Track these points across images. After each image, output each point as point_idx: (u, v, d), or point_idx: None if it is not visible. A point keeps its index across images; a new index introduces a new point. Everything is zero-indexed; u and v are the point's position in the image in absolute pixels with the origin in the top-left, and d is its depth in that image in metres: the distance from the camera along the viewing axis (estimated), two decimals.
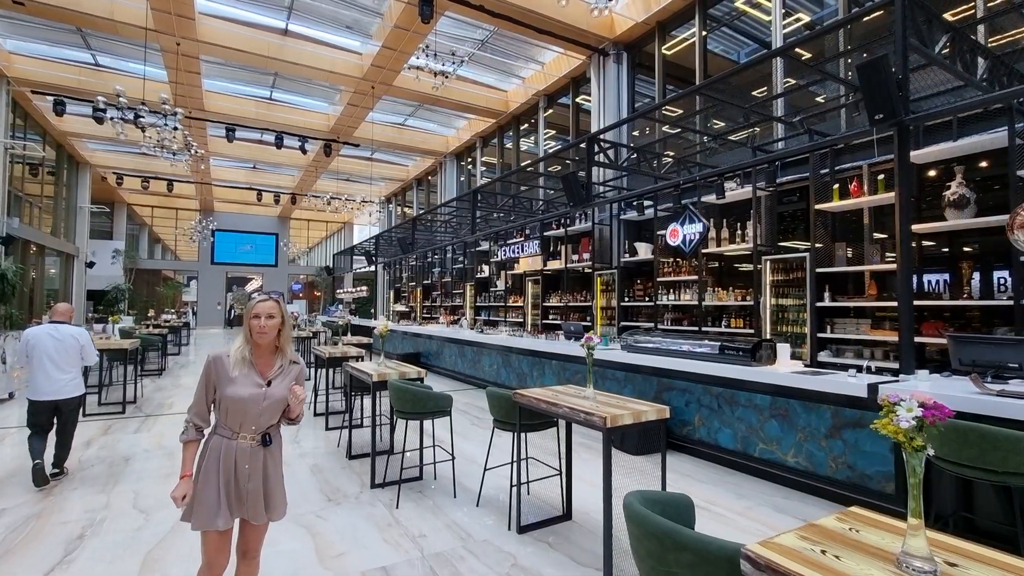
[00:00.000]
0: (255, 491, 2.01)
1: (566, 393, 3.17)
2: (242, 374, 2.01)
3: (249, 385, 2.01)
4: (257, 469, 2.03)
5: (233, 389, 1.99)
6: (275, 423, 2.12)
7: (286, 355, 2.14)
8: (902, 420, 1.08)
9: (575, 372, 6.48)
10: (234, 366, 2.02)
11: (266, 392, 2.03)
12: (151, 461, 4.65)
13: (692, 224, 5.31)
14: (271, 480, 2.08)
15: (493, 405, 3.48)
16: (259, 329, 2.04)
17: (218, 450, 1.99)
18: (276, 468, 2.13)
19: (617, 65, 10.30)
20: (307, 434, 5.64)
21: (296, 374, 2.16)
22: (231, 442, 2.00)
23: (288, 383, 2.09)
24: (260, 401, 2.01)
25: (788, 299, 6.51)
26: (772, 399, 4.14)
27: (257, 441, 2.03)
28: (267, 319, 2.05)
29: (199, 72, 11.62)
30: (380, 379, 4.02)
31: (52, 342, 4.15)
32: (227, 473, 1.98)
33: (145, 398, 7.66)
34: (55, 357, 4.13)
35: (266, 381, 2.05)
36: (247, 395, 1.99)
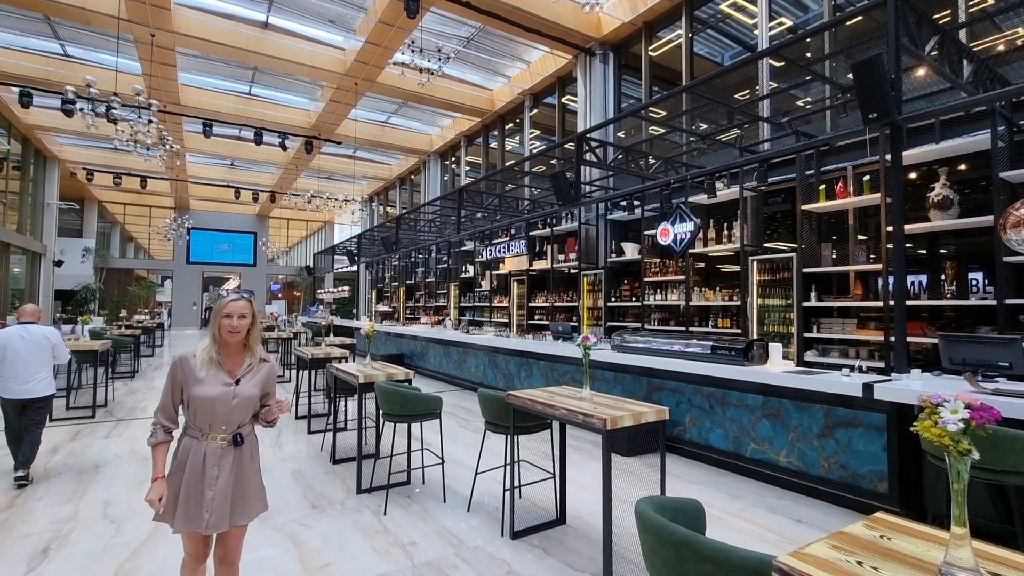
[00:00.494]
0: (223, 494, 1.97)
1: (562, 394, 3.09)
2: (210, 374, 1.99)
3: (217, 384, 1.99)
4: (227, 472, 1.99)
5: (201, 389, 1.96)
6: (247, 422, 2.09)
7: (255, 353, 2.12)
8: (948, 423, 1.01)
9: (563, 373, 6.41)
10: (201, 366, 1.99)
11: (235, 391, 2.01)
12: (123, 467, 4.43)
13: (683, 223, 5.29)
14: (245, 479, 2.05)
15: (485, 407, 3.38)
16: (231, 328, 2.02)
17: (187, 451, 1.98)
18: (252, 467, 2.09)
19: (604, 65, 10.29)
20: (289, 438, 5.45)
21: (267, 372, 2.14)
22: (201, 443, 1.97)
23: (258, 381, 2.09)
24: (229, 400, 1.99)
25: (774, 299, 6.55)
26: (764, 399, 4.12)
27: (228, 441, 2.01)
28: (239, 319, 2.04)
29: (175, 65, 11.25)
30: (367, 381, 3.88)
31: (22, 343, 4.15)
32: (196, 478, 1.95)
33: (116, 402, 7.36)
34: (26, 358, 4.13)
35: (235, 380, 2.03)
36: (215, 394, 1.97)
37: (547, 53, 11.34)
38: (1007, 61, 4.95)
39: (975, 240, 5.68)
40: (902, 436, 3.35)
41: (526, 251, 9.32)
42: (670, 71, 9.79)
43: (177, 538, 2.07)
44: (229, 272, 29.18)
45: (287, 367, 10.09)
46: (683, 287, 7.70)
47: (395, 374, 4.04)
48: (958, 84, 4.01)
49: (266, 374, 2.14)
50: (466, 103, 13.43)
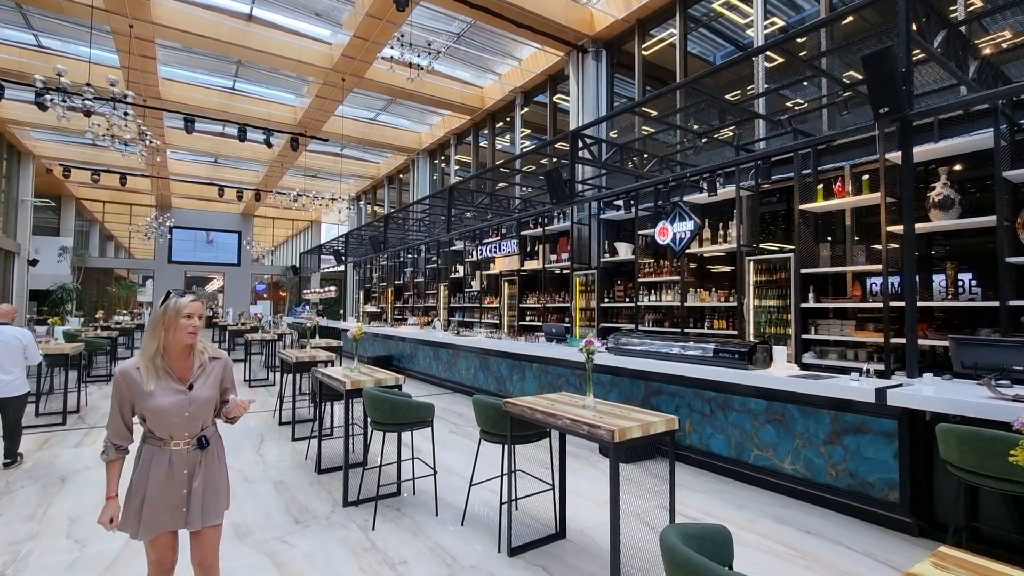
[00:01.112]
0: (196, 494, 1.94)
1: (563, 402, 2.91)
2: (159, 385, 1.90)
3: (169, 394, 1.91)
4: (196, 472, 1.96)
5: (152, 402, 1.88)
6: (209, 424, 2.05)
7: (202, 353, 2.04)
8: None
9: (558, 376, 6.24)
10: (148, 378, 1.89)
11: (190, 397, 1.95)
12: (92, 480, 4.16)
13: (683, 222, 5.15)
14: (213, 481, 2.01)
15: (480, 415, 3.19)
16: (191, 329, 1.96)
17: (150, 457, 1.90)
18: (220, 468, 2.07)
19: (596, 62, 10.15)
20: (272, 445, 5.21)
21: (220, 370, 2.08)
22: (163, 450, 1.91)
23: (213, 382, 2.03)
24: (185, 407, 1.93)
25: (771, 300, 6.44)
26: (768, 404, 3.99)
27: (193, 445, 1.96)
28: (198, 319, 1.98)
29: (155, 57, 10.89)
30: (354, 387, 3.67)
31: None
32: (160, 480, 1.89)
33: (90, 407, 7.03)
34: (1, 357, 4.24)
35: (187, 386, 1.96)
36: (169, 405, 1.90)
37: (539, 50, 11.18)
38: (1009, 60, 4.89)
39: (969, 241, 5.63)
40: (914, 443, 3.22)
41: (518, 251, 9.14)
42: (662, 70, 9.69)
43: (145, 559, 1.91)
44: (213, 272, 28.59)
45: (271, 369, 9.79)
46: (678, 288, 7.57)
47: (384, 379, 3.83)
48: (964, 81, 3.91)
49: (220, 372, 2.07)
50: (456, 100, 13.22)
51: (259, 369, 10.43)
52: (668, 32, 9.41)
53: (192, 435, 1.95)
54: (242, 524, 3.34)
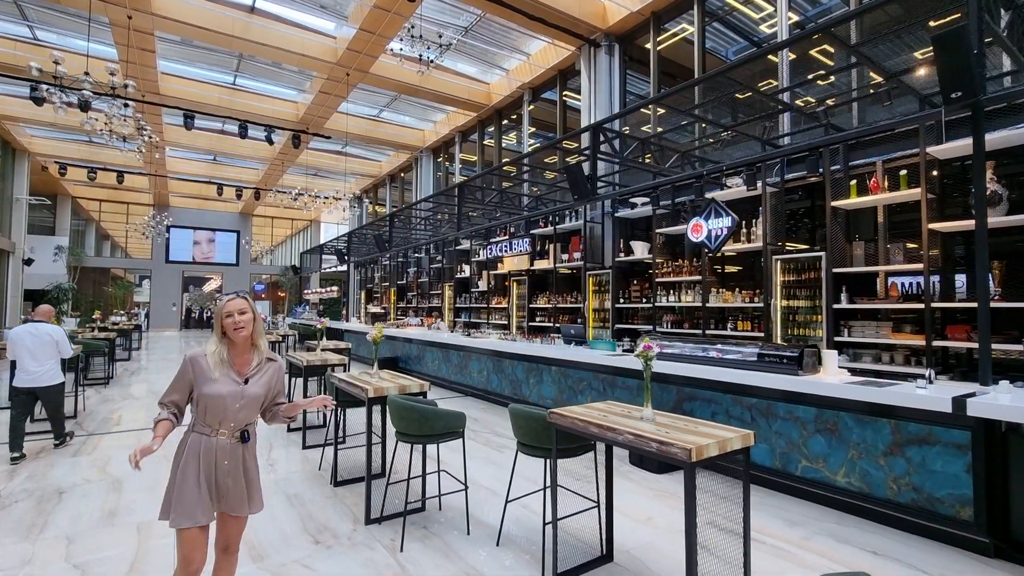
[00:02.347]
0: (236, 486, 2.06)
1: (615, 412, 2.64)
2: (221, 373, 2.05)
3: (228, 383, 2.05)
4: (237, 464, 2.07)
5: (212, 387, 2.02)
6: (253, 420, 2.16)
7: (262, 351, 2.17)
8: None
9: (579, 380, 5.97)
10: (213, 367, 2.05)
11: (243, 390, 2.07)
12: (91, 496, 3.86)
13: (719, 218, 4.89)
14: (250, 473, 2.13)
15: (520, 426, 2.91)
16: (235, 325, 2.07)
17: (197, 446, 2.00)
18: (254, 463, 2.18)
19: (609, 57, 9.89)
20: (281, 454, 4.92)
21: (273, 372, 2.20)
22: (210, 439, 2.02)
23: (266, 381, 2.15)
24: (238, 399, 2.05)
25: (800, 301, 6.20)
26: (817, 411, 3.73)
27: (236, 438, 2.07)
28: (240, 315, 2.09)
29: (154, 51, 10.59)
30: (377, 394, 3.39)
31: (30, 338, 4.83)
32: (208, 469, 2.00)
33: (88, 412, 6.72)
34: (33, 351, 4.80)
35: (243, 379, 2.09)
36: (226, 392, 2.03)
37: (548, 45, 10.92)
38: None
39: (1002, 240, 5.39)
40: (990, 456, 2.97)
41: (530, 249, 8.88)
42: (675, 65, 9.44)
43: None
44: (211, 272, 28.23)
45: None
46: (699, 288, 7.33)
47: (408, 386, 3.55)
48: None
49: (273, 374, 2.20)
50: (462, 97, 12.94)
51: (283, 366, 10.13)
52: (681, 27, 9.17)
53: (237, 427, 2.07)
54: (257, 545, 3.06)
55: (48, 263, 19.90)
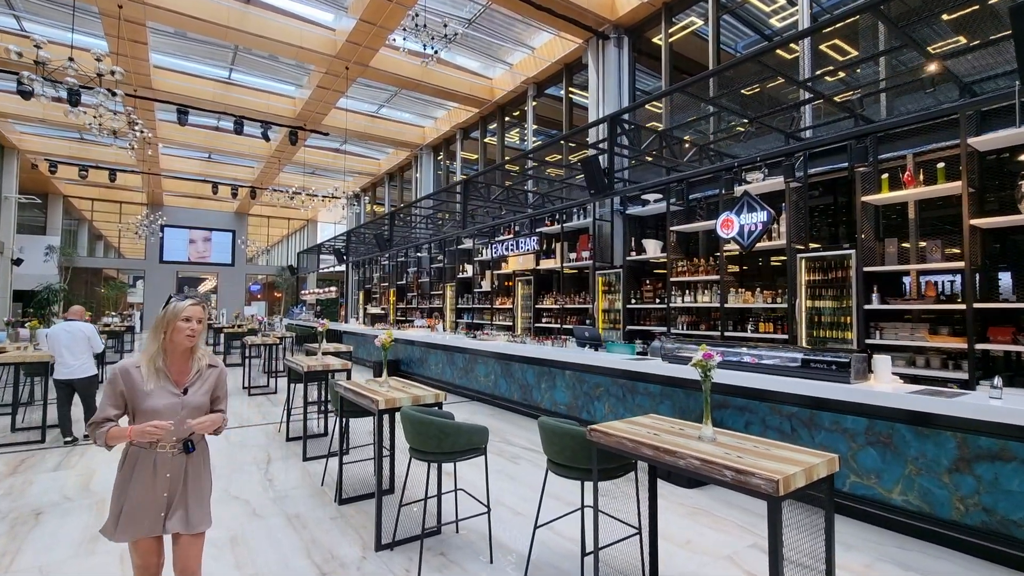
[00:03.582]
0: (182, 500, 1.95)
1: (668, 431, 2.31)
2: (157, 385, 1.93)
3: (164, 395, 1.93)
4: (179, 477, 1.96)
5: (147, 402, 1.90)
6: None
7: (200, 359, 2.06)
8: None
9: (595, 385, 5.65)
10: (147, 377, 1.92)
11: (183, 401, 1.96)
12: (72, 516, 3.51)
13: (752, 213, 4.57)
14: (199, 485, 2.02)
15: (553, 443, 2.58)
16: (190, 332, 1.97)
17: (135, 459, 1.90)
18: (203, 473, 2.06)
19: (618, 50, 9.58)
20: (281, 466, 4.58)
21: (215, 378, 2.09)
22: (150, 452, 1.91)
23: (207, 388, 2.05)
24: (177, 411, 1.94)
25: (826, 301, 5.89)
26: (869, 422, 3.41)
27: (178, 449, 1.97)
28: (197, 323, 1.99)
29: (146, 42, 10.21)
30: (389, 405, 3.05)
31: (66, 336, 5.33)
32: (143, 482, 1.89)
33: (74, 420, 6.32)
34: (70, 347, 5.31)
35: (182, 389, 1.98)
36: (162, 406, 1.91)
37: (554, 37, 10.60)
38: None
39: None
40: None
41: (538, 248, 8.56)
42: (686, 60, 9.14)
43: None
44: (206, 272, 27.78)
45: (272, 376, 9.13)
46: (716, 288, 7.02)
47: (422, 396, 3.22)
48: None
49: (215, 380, 2.09)
50: (464, 92, 12.61)
51: (258, 375, 9.77)
52: (690, 20, 8.88)
53: (179, 439, 1.95)
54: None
55: (39, 263, 19.46)
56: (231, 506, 3.64)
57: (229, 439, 5.50)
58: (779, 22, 8.38)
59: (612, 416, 5.41)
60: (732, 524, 3.40)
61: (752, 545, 3.09)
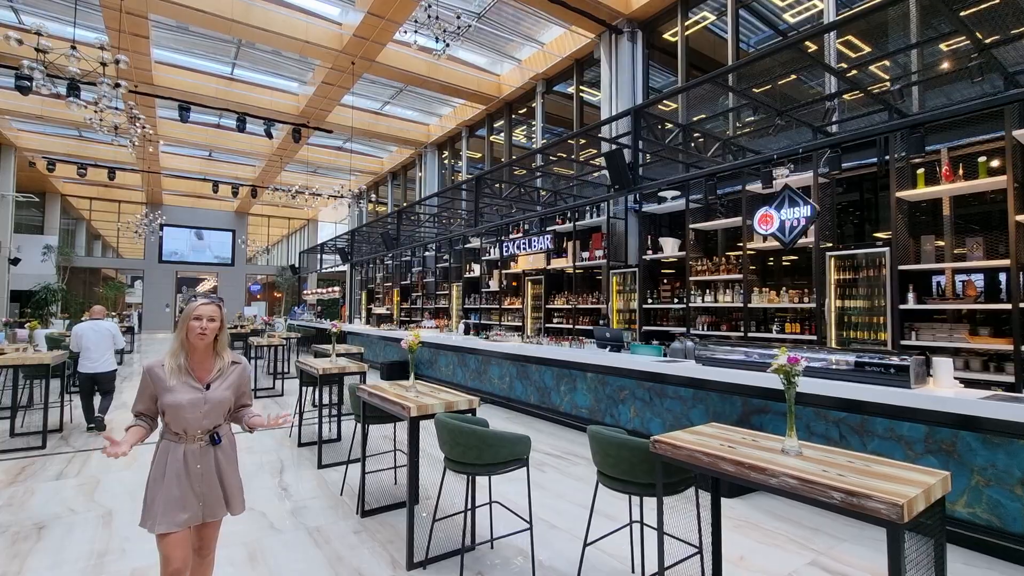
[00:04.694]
0: (211, 490, 2.04)
1: (740, 442, 2.10)
2: (179, 381, 2.00)
3: (187, 391, 2.00)
4: (209, 467, 2.04)
5: (172, 397, 1.98)
6: (222, 424, 2.11)
7: (223, 358, 2.13)
8: None
9: (619, 388, 5.43)
10: (170, 375, 2.00)
11: (206, 396, 2.03)
12: (77, 532, 3.28)
13: (795, 207, 4.36)
14: (226, 475, 2.09)
15: (608, 455, 2.37)
16: (200, 330, 2.02)
17: (166, 452, 1.99)
18: (230, 463, 2.13)
19: (631, 44, 9.37)
20: (295, 475, 4.35)
21: (238, 375, 2.16)
22: (179, 445, 1.99)
23: (230, 384, 2.11)
24: (200, 406, 2.01)
25: (856, 301, 5.69)
26: (928, 429, 3.20)
27: (205, 441, 2.04)
28: (208, 321, 2.04)
29: (147, 36, 9.97)
30: (421, 413, 2.84)
31: (92, 333, 5.73)
32: (179, 473, 1.97)
33: (75, 424, 6.11)
34: (96, 343, 5.71)
35: (204, 385, 2.05)
36: (186, 401, 1.98)
37: (565, 32, 10.39)
38: None
39: None
40: None
41: (551, 247, 8.35)
42: (700, 56, 8.93)
43: None
44: (205, 272, 27.51)
45: (279, 378, 8.89)
46: (738, 287, 6.82)
47: (455, 402, 3.00)
48: None
49: (237, 377, 2.16)
50: (471, 88, 12.38)
51: (263, 376, 9.53)
52: (702, 15, 8.68)
53: (205, 432, 2.03)
54: None
55: (36, 263, 19.17)
56: (247, 519, 3.42)
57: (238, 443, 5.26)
58: (792, 17, 8.19)
59: (638, 420, 5.20)
60: (784, 538, 3.19)
61: (811, 563, 2.88)
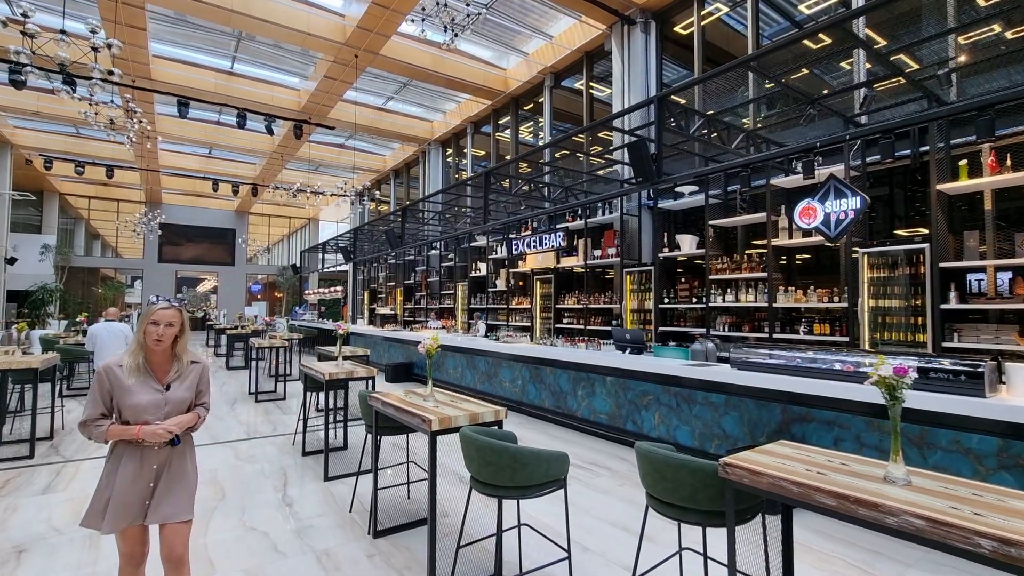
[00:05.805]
0: (169, 490, 2.01)
1: (831, 467, 1.79)
2: (138, 381, 1.99)
3: (147, 392, 2.00)
4: (165, 468, 2.02)
5: (131, 398, 1.96)
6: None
7: (183, 360, 2.12)
8: None
9: (642, 393, 5.12)
10: (129, 374, 1.99)
11: (166, 397, 2.03)
12: (61, 554, 2.97)
13: (841, 199, 4.04)
14: (185, 476, 2.08)
15: (664, 478, 2.05)
16: (156, 336, 2.03)
17: (123, 452, 1.97)
18: (188, 464, 2.11)
19: (645, 35, 9.06)
20: (299, 488, 4.04)
21: (197, 375, 2.15)
22: (137, 446, 1.97)
23: (189, 384, 2.11)
24: (161, 407, 2.01)
25: (891, 300, 5.39)
26: (1002, 442, 2.90)
27: (164, 443, 2.01)
28: (166, 327, 2.04)
29: (144, 28, 9.66)
30: (444, 426, 2.53)
31: (106, 333, 6.09)
32: (130, 473, 1.95)
33: (66, 431, 5.80)
34: (109, 344, 6.02)
35: (164, 385, 2.05)
36: (146, 402, 1.98)
37: (575, 23, 10.08)
38: None
39: None
40: None
41: (563, 244, 8.05)
42: (714, 48, 8.62)
43: None
44: (205, 272, 27.21)
45: (280, 380, 8.60)
46: (762, 286, 6.51)
47: (480, 413, 2.69)
48: None
49: (196, 376, 2.15)
50: (476, 82, 12.07)
51: (265, 379, 9.23)
52: (716, 6, 8.37)
53: None
54: None
55: (34, 263, 18.85)
56: (248, 540, 3.11)
57: (238, 453, 4.97)
58: (808, 8, 7.89)
59: (663, 428, 4.89)
60: (842, 563, 2.88)
61: None
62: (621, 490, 4.01)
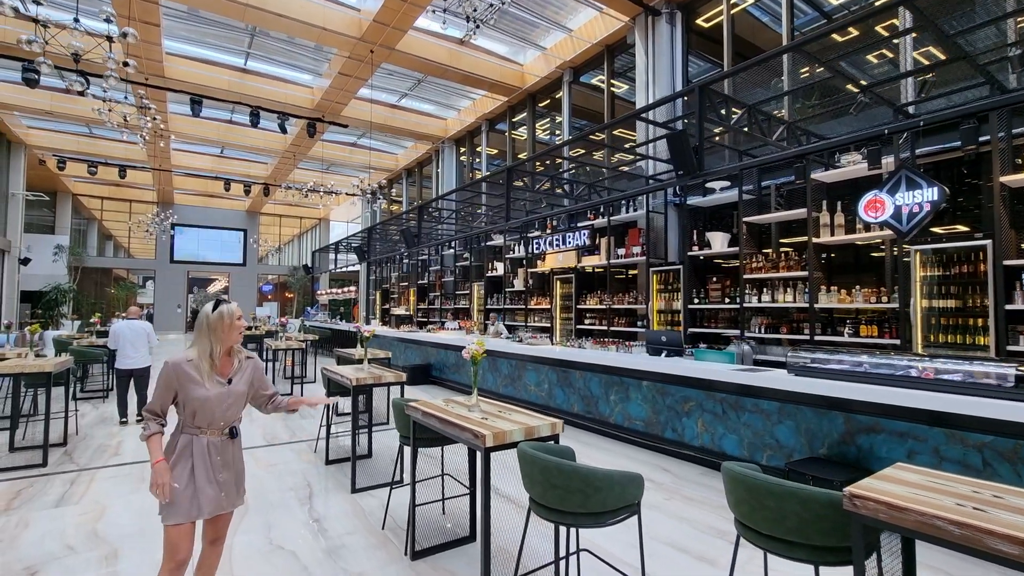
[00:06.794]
0: (227, 481, 2.14)
1: (980, 499, 1.50)
2: (208, 377, 2.12)
3: (214, 386, 2.13)
4: (228, 460, 2.17)
5: (200, 391, 2.08)
6: (239, 417, 2.24)
7: (240, 353, 2.28)
8: None
9: (683, 399, 4.83)
10: (201, 372, 2.11)
11: (229, 390, 2.17)
12: (78, 574, 2.75)
13: (915, 190, 3.73)
14: (239, 467, 2.23)
15: (764, 506, 1.78)
16: (243, 330, 2.24)
17: (188, 446, 2.07)
18: (241, 457, 2.26)
19: (670, 27, 8.76)
20: (325, 501, 3.80)
21: (253, 369, 2.30)
22: (201, 438, 2.09)
23: (247, 378, 2.26)
24: (225, 399, 2.14)
25: (946, 300, 5.06)
26: None
27: (225, 435, 2.16)
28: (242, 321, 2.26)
29: (158, 24, 9.50)
30: (498, 442, 2.27)
31: (129, 331, 6.14)
32: (200, 466, 2.07)
33: (81, 437, 5.61)
34: (132, 341, 6.12)
35: (227, 379, 2.18)
36: (214, 395, 2.10)
37: (596, 16, 9.80)
38: None
39: None
40: None
41: (588, 242, 7.78)
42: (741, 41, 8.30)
43: None
44: (216, 272, 27.18)
45: (297, 382, 8.38)
46: (802, 285, 6.20)
47: (536, 427, 2.42)
48: None
49: (253, 370, 2.29)
50: (493, 78, 11.81)
51: (281, 381, 9.03)
52: None
53: (226, 425, 2.16)
54: None
55: (47, 263, 18.85)
56: (275, 560, 2.87)
57: (257, 460, 4.74)
58: None
59: (707, 436, 4.60)
60: None
61: None
62: (669, 505, 3.73)
